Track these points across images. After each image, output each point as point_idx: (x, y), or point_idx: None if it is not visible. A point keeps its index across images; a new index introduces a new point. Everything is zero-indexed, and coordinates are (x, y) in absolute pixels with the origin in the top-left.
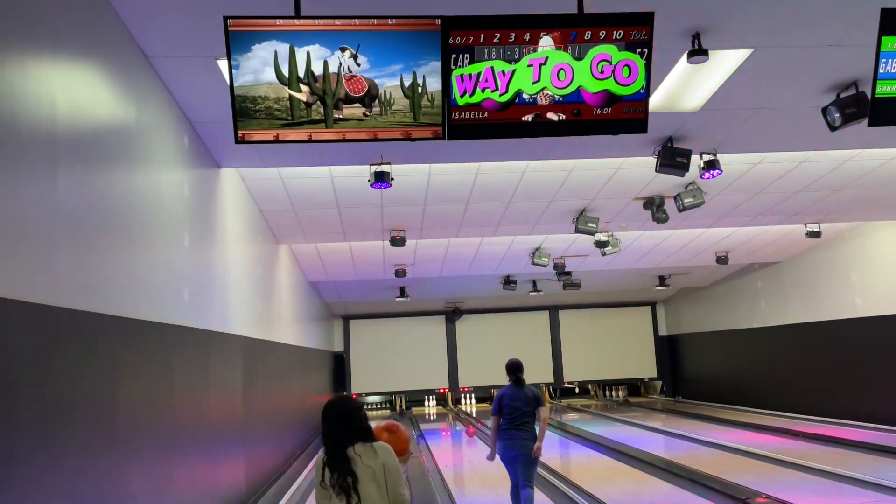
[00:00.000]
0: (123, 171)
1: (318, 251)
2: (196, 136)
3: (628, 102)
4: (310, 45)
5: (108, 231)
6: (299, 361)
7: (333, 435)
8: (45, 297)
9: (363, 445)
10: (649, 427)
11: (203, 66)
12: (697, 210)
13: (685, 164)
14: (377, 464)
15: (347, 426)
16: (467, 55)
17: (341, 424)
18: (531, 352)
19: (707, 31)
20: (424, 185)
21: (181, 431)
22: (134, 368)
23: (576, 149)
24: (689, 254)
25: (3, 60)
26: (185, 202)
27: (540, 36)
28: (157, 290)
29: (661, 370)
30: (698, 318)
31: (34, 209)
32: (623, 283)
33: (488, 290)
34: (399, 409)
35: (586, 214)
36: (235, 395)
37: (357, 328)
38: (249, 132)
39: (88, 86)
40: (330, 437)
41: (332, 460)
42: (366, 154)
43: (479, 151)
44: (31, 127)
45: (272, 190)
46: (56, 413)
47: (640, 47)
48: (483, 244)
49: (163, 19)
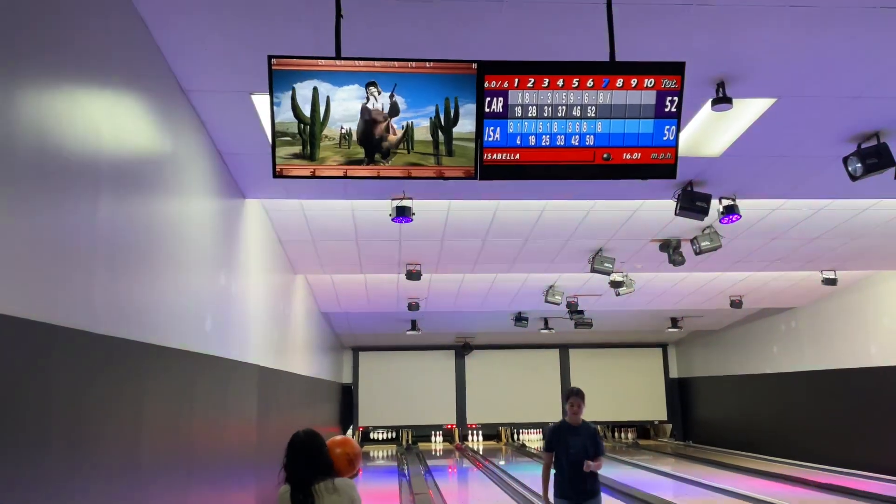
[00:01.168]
0: (158, 200)
1: (333, 282)
2: (225, 168)
3: (658, 148)
4: (349, 84)
5: (141, 258)
6: (310, 392)
7: (299, 470)
8: (83, 323)
9: (326, 482)
10: (659, 471)
11: (237, 101)
12: (714, 254)
13: (704, 209)
14: (339, 500)
15: (313, 462)
16: (501, 98)
17: (308, 460)
18: (540, 390)
19: (731, 79)
20: (443, 220)
21: (199, 459)
22: (158, 395)
23: (597, 190)
24: (702, 297)
25: (55, 91)
26: (211, 232)
27: (572, 82)
28: (183, 317)
29: (672, 413)
30: (710, 361)
31: (76, 236)
32: (635, 323)
33: (499, 326)
34: (405, 444)
35: (602, 254)
36: (250, 425)
37: (366, 360)
38: (287, 167)
39: (130, 116)
40: (295, 471)
41: (296, 495)
42: (388, 188)
43: (501, 190)
44: (77, 155)
45: (293, 221)
46: (86, 439)
47: (670, 95)
48: (497, 280)
49: (203, 56)
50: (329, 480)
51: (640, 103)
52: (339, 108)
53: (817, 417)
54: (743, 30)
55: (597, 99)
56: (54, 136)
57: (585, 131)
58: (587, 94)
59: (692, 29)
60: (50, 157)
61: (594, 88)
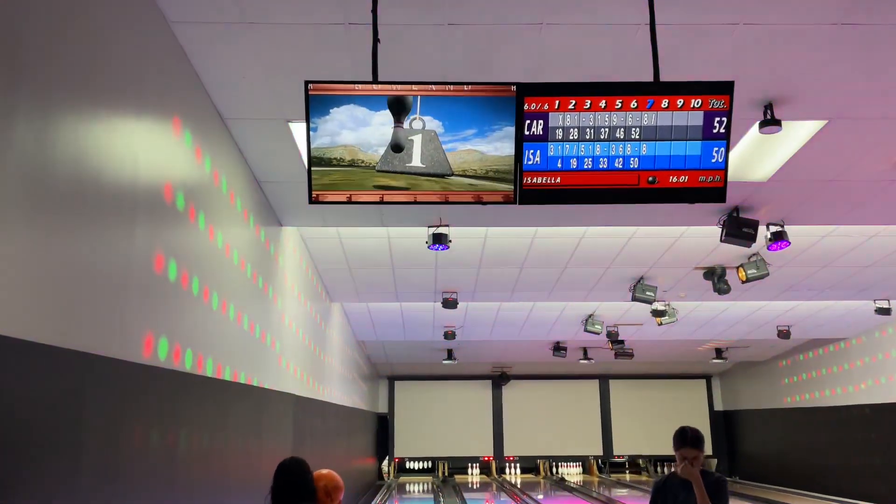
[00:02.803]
0: (195, 228)
1: (370, 310)
2: (262, 195)
3: (706, 171)
4: (386, 109)
5: (177, 287)
6: (346, 422)
7: (283, 497)
8: (117, 351)
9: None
10: None
11: (275, 129)
12: (760, 282)
13: (752, 235)
14: None
15: (296, 491)
16: (541, 121)
17: (291, 488)
18: (579, 422)
19: (780, 101)
20: (480, 247)
21: (232, 489)
22: (193, 424)
23: (639, 216)
24: (748, 327)
25: (93, 118)
26: (249, 260)
27: (616, 103)
28: (220, 345)
29: (717, 447)
30: (757, 393)
31: (112, 265)
32: (677, 354)
33: (537, 355)
34: (441, 476)
35: (644, 283)
36: (285, 455)
37: (402, 390)
38: (323, 192)
39: (168, 144)
40: (280, 497)
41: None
42: (424, 215)
43: (540, 216)
44: (114, 184)
45: (330, 249)
46: (119, 467)
47: (718, 116)
48: (535, 309)
49: (242, 84)
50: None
51: (687, 124)
52: (376, 133)
53: (872, 453)
54: (792, 49)
55: (641, 120)
56: (91, 165)
57: (629, 154)
58: (631, 116)
59: (739, 49)
60: (87, 185)
61: (638, 109)
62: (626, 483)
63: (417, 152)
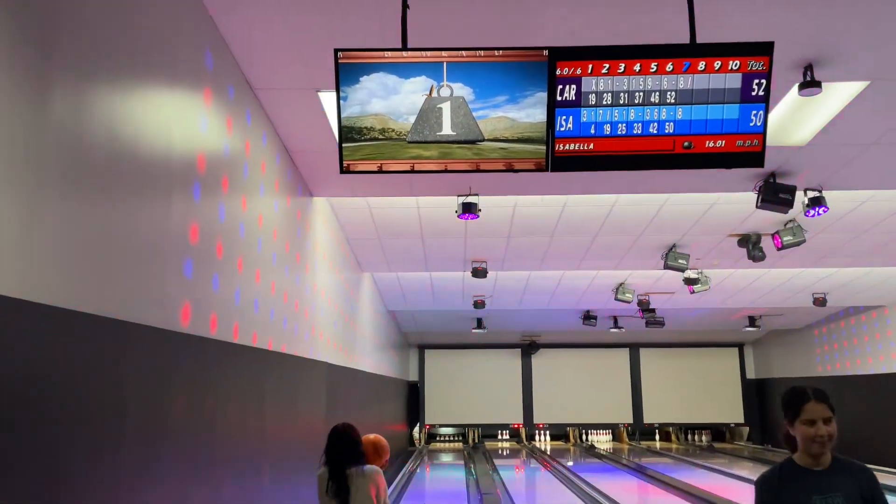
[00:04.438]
0: (228, 198)
1: (400, 280)
2: (293, 166)
3: (744, 135)
4: (416, 76)
5: (212, 256)
6: (377, 390)
7: (337, 456)
8: (155, 320)
9: (356, 468)
10: (736, 475)
11: (305, 99)
12: (796, 249)
13: (789, 201)
14: (365, 483)
15: (348, 451)
16: (574, 86)
17: (344, 449)
18: (609, 390)
19: (820, 62)
20: (510, 216)
21: (270, 455)
22: (230, 391)
23: (672, 182)
24: (783, 294)
25: (126, 90)
26: (281, 230)
27: (650, 66)
28: (255, 315)
29: (749, 416)
30: (790, 362)
31: (149, 235)
32: (710, 322)
33: (567, 324)
34: (472, 443)
35: (676, 250)
36: (318, 422)
37: (432, 358)
38: (354, 162)
39: (200, 115)
40: (333, 457)
41: (332, 476)
42: (454, 184)
43: (570, 184)
44: (149, 156)
45: (360, 219)
46: (160, 432)
47: (757, 78)
48: (564, 278)
49: (271, 53)
50: (359, 467)
51: (725, 87)
52: (407, 101)
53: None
54: (834, 8)
55: (677, 84)
56: (126, 136)
57: (665, 118)
58: (666, 79)
59: (778, 8)
60: (122, 156)
61: (674, 73)
62: (657, 451)
63: (447, 120)
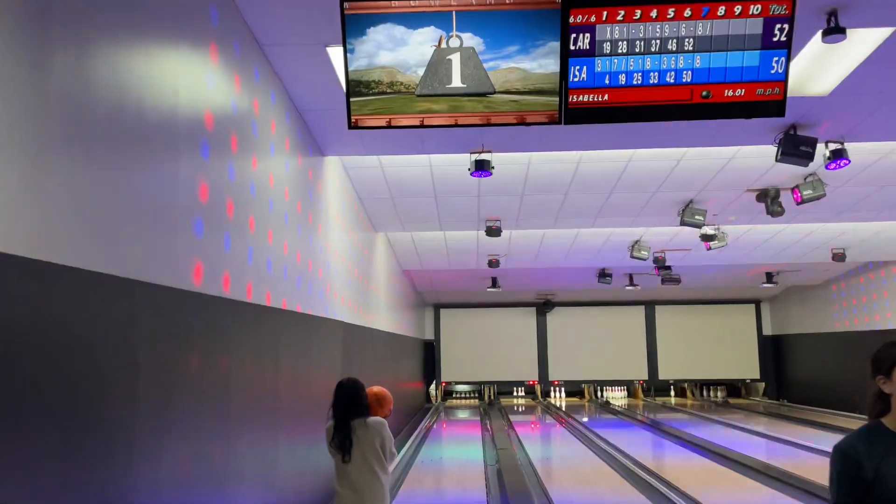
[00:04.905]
0: (237, 157)
1: (414, 240)
2: (304, 124)
3: (765, 83)
4: (425, 27)
5: (223, 216)
6: (393, 348)
7: (342, 409)
8: (166, 279)
9: (360, 419)
10: (751, 430)
11: (313, 54)
12: (816, 203)
13: (810, 154)
14: (368, 434)
15: (353, 403)
16: (588, 35)
17: (348, 402)
18: (625, 347)
19: (845, 7)
20: (523, 174)
21: (286, 413)
22: (245, 350)
23: (689, 136)
24: (801, 250)
25: (131, 48)
26: (293, 189)
27: (668, 13)
28: (267, 274)
29: (765, 372)
30: (808, 318)
31: (157, 194)
32: (726, 279)
33: (582, 282)
34: (488, 400)
35: (693, 206)
36: (334, 381)
37: (448, 317)
38: (362, 117)
39: (206, 73)
40: (339, 409)
41: (338, 427)
42: (466, 141)
43: (584, 139)
44: (155, 115)
45: (372, 178)
46: (174, 391)
47: (779, 23)
48: (580, 236)
49: (278, 7)
50: (363, 419)
51: (745, 33)
52: (415, 53)
53: None
54: None
55: (695, 30)
56: (131, 94)
57: (682, 67)
58: (684, 26)
59: None
60: (127, 115)
61: (692, 18)
62: (672, 407)
63: (457, 72)
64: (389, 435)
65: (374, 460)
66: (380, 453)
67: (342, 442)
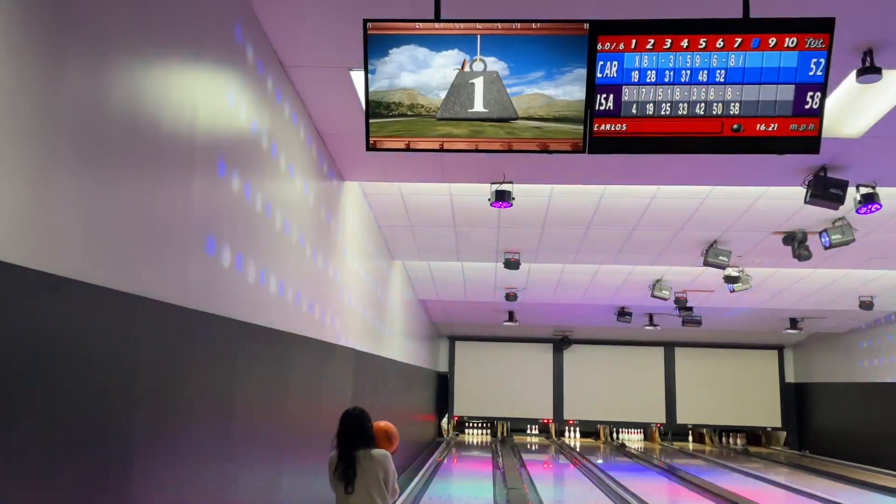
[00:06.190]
0: (254, 178)
1: (431, 269)
2: (324, 147)
3: (799, 118)
4: (448, 49)
5: (236, 236)
6: (406, 379)
7: (347, 439)
8: (174, 297)
9: (365, 451)
10: (771, 481)
11: (337, 78)
12: (845, 248)
13: (840, 196)
14: (372, 466)
15: (358, 433)
16: (616, 63)
17: (353, 432)
18: (642, 389)
19: (881, 46)
20: (545, 206)
21: (291, 438)
22: (251, 373)
23: (715, 174)
24: (828, 296)
25: (148, 64)
26: (310, 212)
27: (699, 43)
28: (279, 297)
29: (787, 420)
30: (833, 366)
31: (169, 212)
32: (749, 323)
33: (601, 320)
34: (500, 436)
35: (717, 247)
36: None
37: (462, 350)
38: (381, 139)
39: (228, 91)
40: (343, 440)
41: (342, 457)
42: (487, 171)
43: (608, 172)
44: (171, 130)
45: (391, 206)
46: (175, 410)
47: (815, 57)
48: (600, 272)
49: (303, 27)
50: (367, 449)
51: (780, 66)
52: (437, 76)
53: None
54: None
55: (727, 62)
56: (147, 111)
57: (712, 99)
58: (716, 56)
59: None
60: (142, 132)
61: (725, 49)
62: (689, 452)
63: (479, 96)
64: (393, 469)
65: (375, 493)
66: (382, 486)
67: (346, 472)
